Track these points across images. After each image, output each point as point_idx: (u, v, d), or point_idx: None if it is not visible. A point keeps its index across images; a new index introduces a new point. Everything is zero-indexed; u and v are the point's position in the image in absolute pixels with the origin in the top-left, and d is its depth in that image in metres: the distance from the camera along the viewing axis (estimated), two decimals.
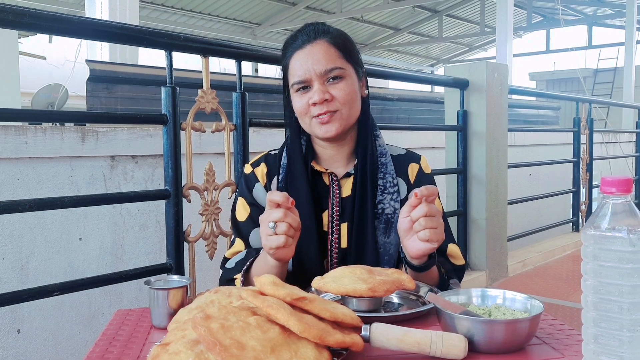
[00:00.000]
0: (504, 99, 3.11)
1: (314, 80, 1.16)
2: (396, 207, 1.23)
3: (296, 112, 1.21)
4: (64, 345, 2.17)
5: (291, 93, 1.21)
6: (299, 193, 1.20)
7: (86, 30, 1.60)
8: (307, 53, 1.17)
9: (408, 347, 0.78)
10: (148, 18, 12.39)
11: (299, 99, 1.19)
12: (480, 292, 0.94)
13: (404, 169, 1.29)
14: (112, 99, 3.37)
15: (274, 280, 0.81)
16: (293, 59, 1.19)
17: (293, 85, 1.19)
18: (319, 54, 1.17)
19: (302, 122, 1.21)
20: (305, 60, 1.17)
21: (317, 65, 1.16)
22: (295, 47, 1.19)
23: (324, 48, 1.18)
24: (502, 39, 8.34)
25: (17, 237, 2.05)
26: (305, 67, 1.16)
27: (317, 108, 1.16)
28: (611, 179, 0.71)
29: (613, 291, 0.70)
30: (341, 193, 1.24)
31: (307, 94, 1.17)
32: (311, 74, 1.16)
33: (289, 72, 1.20)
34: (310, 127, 1.20)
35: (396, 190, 1.24)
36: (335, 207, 1.23)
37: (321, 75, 1.16)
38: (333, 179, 1.24)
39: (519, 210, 4.24)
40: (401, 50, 18.94)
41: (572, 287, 3.23)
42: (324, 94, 1.15)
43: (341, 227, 1.22)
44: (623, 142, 6.40)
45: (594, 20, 16.04)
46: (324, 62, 1.16)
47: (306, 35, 1.19)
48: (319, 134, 1.19)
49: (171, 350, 0.72)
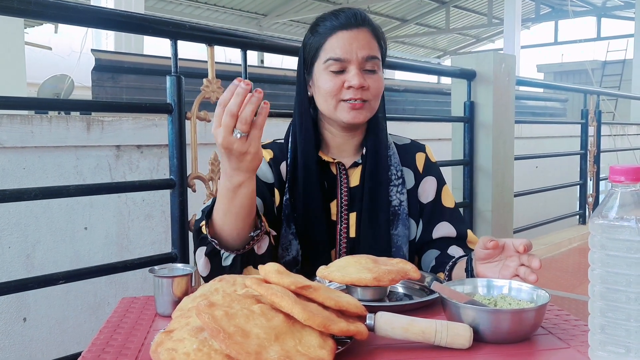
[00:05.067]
0: (511, 90, 3.08)
1: (353, 63, 1.14)
2: (402, 199, 1.22)
3: (323, 91, 1.16)
4: (70, 334, 2.18)
5: (319, 71, 1.17)
6: (308, 182, 1.18)
7: (92, 18, 1.59)
8: (353, 35, 1.15)
9: (413, 336, 0.78)
10: (153, 9, 12.36)
11: (331, 77, 1.15)
12: (486, 282, 0.94)
13: (411, 158, 1.28)
14: (118, 88, 3.36)
15: (279, 268, 0.81)
16: (335, 36, 1.15)
17: (328, 60, 1.14)
18: (364, 39, 1.15)
19: (325, 103, 1.17)
20: (350, 41, 1.14)
21: (362, 51, 1.14)
22: (337, 25, 1.15)
23: (369, 36, 1.16)
24: (509, 30, 8.28)
25: (23, 226, 2.06)
26: (349, 47, 1.14)
27: (352, 92, 1.14)
28: (620, 167, 0.70)
29: (620, 281, 0.70)
30: (349, 182, 1.23)
31: (341, 76, 1.14)
32: (353, 56, 1.14)
33: (324, 48, 1.15)
34: (336, 110, 1.16)
35: (401, 182, 1.23)
36: (344, 197, 1.22)
37: (362, 61, 1.14)
38: (341, 168, 1.23)
39: (525, 203, 4.22)
40: (408, 42, 18.84)
41: (578, 280, 3.22)
42: (363, 80, 1.14)
43: (350, 217, 1.22)
44: (631, 135, 6.36)
45: (602, 12, 15.89)
46: (368, 50, 1.15)
47: (352, 18, 1.16)
48: (346, 118, 1.16)
49: (175, 337, 0.72)
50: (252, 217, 1.04)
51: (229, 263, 1.04)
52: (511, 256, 0.98)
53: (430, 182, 1.28)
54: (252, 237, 1.04)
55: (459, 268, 1.12)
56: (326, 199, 1.21)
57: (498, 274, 0.97)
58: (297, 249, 1.18)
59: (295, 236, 1.18)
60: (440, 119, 3.97)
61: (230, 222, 1.02)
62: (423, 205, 1.26)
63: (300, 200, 1.19)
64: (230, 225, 1.02)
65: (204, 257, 1.05)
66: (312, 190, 1.18)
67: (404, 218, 1.22)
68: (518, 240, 0.96)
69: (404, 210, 1.22)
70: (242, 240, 1.04)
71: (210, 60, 1.70)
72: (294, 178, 1.20)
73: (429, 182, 1.28)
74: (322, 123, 1.24)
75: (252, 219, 1.04)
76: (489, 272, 0.99)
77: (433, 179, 1.28)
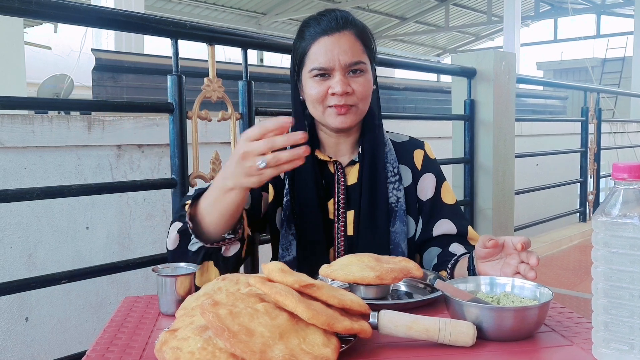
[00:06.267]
0: (512, 88, 3.08)
1: (336, 70, 1.14)
2: (399, 195, 1.23)
3: (310, 98, 1.17)
4: (72, 333, 2.18)
5: (305, 77, 1.18)
6: (305, 181, 1.19)
7: (92, 18, 1.59)
8: (334, 41, 1.14)
9: (416, 334, 0.78)
10: (153, 8, 12.35)
11: (316, 85, 1.16)
12: (489, 280, 0.94)
13: (409, 155, 1.29)
14: (118, 88, 3.36)
15: (282, 267, 0.81)
16: (317, 43, 1.15)
17: (312, 70, 1.15)
18: (346, 44, 1.14)
19: (313, 109, 1.19)
20: (331, 48, 1.14)
21: (343, 57, 1.14)
22: (319, 31, 1.15)
23: (351, 40, 1.15)
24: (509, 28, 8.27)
25: (25, 226, 2.06)
26: (331, 55, 1.14)
27: (336, 99, 1.15)
28: (623, 165, 0.71)
29: (624, 278, 0.70)
30: (346, 181, 1.23)
31: (325, 82, 1.15)
32: (335, 64, 1.14)
33: (309, 55, 1.16)
34: (324, 116, 1.18)
35: (398, 179, 1.24)
36: (341, 195, 1.22)
37: (345, 67, 1.14)
38: (338, 167, 1.23)
39: (526, 201, 4.22)
40: (407, 40, 18.82)
41: (579, 277, 3.22)
42: (346, 87, 1.14)
43: (347, 215, 1.22)
44: (631, 132, 6.35)
45: (602, 9, 15.86)
46: (350, 55, 1.14)
47: (334, 22, 1.15)
48: (333, 124, 1.17)
49: (179, 336, 0.72)
50: (234, 222, 1.05)
51: (194, 249, 1.05)
52: (511, 254, 0.98)
53: (429, 179, 1.28)
54: (224, 239, 1.06)
55: (461, 266, 1.13)
56: (324, 198, 1.21)
57: (500, 272, 0.98)
58: (296, 249, 1.19)
59: (295, 237, 1.19)
60: (440, 117, 3.96)
61: (212, 216, 1.03)
62: (422, 203, 1.26)
63: (297, 200, 1.19)
64: (211, 217, 1.03)
65: (176, 233, 1.06)
66: (309, 189, 1.18)
67: (401, 215, 1.22)
68: (517, 238, 0.97)
69: (401, 206, 1.22)
70: (216, 236, 1.05)
71: (211, 59, 1.70)
72: (291, 178, 1.21)
73: (427, 179, 1.28)
74: (317, 124, 1.25)
75: (232, 223, 1.05)
76: (490, 270, 1.00)
77: (432, 176, 1.28)
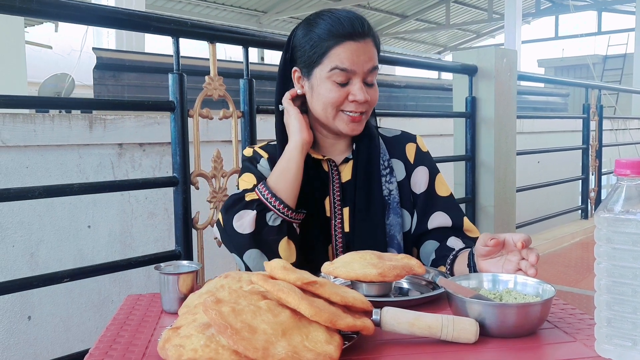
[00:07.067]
0: (513, 85, 3.08)
1: (358, 76, 1.15)
2: (391, 188, 1.24)
3: (325, 99, 1.16)
4: (74, 332, 2.19)
5: (321, 76, 1.15)
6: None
7: (93, 17, 1.59)
8: (361, 48, 1.14)
9: (419, 331, 0.78)
10: (154, 7, 12.36)
11: (336, 88, 1.15)
12: (492, 276, 0.94)
13: (401, 149, 1.29)
14: (119, 86, 3.36)
15: (285, 264, 0.81)
16: (342, 46, 1.13)
17: (334, 70, 1.13)
18: (370, 52, 1.16)
19: (323, 110, 1.17)
20: (357, 53, 1.14)
21: (367, 64, 1.15)
22: (344, 33, 1.13)
23: (372, 48, 1.17)
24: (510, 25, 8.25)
25: (27, 225, 2.07)
26: (357, 60, 1.13)
27: (354, 105, 1.16)
28: (626, 160, 0.71)
29: (627, 274, 0.70)
30: (341, 178, 1.24)
31: (345, 87, 1.15)
32: (360, 69, 1.14)
33: (330, 55, 1.14)
34: (334, 120, 1.18)
35: (389, 172, 1.24)
36: (336, 193, 1.23)
37: (366, 74, 1.16)
38: (332, 165, 1.24)
39: (528, 198, 4.22)
40: (408, 38, 18.80)
41: (580, 274, 3.22)
42: (366, 95, 1.15)
43: (343, 212, 1.22)
44: (633, 129, 6.34)
45: (603, 6, 15.83)
46: (372, 63, 1.16)
47: (360, 28, 1.14)
48: (344, 130, 1.18)
49: (182, 334, 0.72)
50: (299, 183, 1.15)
51: (277, 223, 1.12)
52: (512, 251, 0.99)
53: (422, 172, 1.28)
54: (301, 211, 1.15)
55: (461, 262, 1.13)
56: (319, 196, 1.22)
57: (501, 269, 0.98)
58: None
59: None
60: (441, 114, 3.96)
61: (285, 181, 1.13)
62: (416, 196, 1.27)
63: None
64: (285, 183, 1.13)
65: (254, 212, 1.11)
66: (304, 188, 1.18)
67: (395, 207, 1.22)
68: (517, 236, 0.97)
69: (394, 199, 1.23)
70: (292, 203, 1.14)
71: (212, 57, 1.70)
72: None
73: (420, 172, 1.28)
74: (313, 123, 1.24)
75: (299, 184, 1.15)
76: (492, 267, 1.00)
77: (425, 169, 1.28)
